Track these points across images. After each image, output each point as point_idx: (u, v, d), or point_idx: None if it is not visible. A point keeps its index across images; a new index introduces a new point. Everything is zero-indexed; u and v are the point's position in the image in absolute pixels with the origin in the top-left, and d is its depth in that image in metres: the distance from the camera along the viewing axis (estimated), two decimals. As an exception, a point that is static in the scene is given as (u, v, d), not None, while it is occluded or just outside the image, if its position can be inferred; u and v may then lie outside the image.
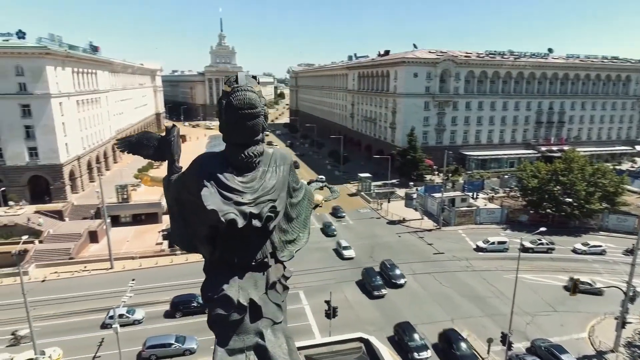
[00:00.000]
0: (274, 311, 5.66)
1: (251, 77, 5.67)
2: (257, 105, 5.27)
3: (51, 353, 37.01)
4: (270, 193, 5.31)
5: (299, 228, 6.26)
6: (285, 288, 6.22)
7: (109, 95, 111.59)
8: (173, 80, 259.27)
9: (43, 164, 77.66)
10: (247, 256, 5.62)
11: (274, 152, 5.78)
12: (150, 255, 59.87)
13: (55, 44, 79.92)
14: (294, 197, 6.11)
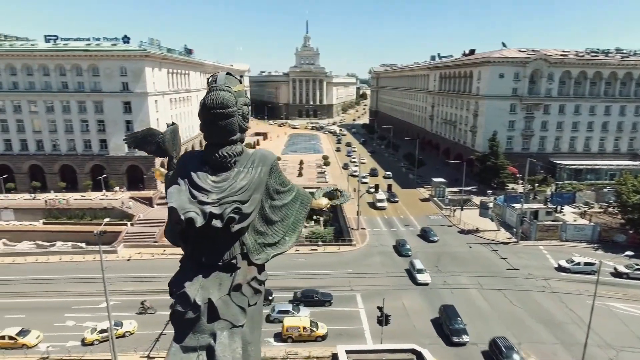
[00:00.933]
0: (235, 314, 5.46)
1: (232, 76, 5.66)
2: (230, 105, 5.24)
3: (127, 325, 41.22)
4: (238, 194, 5.23)
5: (283, 231, 6.04)
6: (257, 292, 5.94)
7: (200, 95, 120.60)
8: (260, 81, 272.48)
9: (139, 155, 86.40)
10: (215, 256, 5.57)
11: (254, 153, 5.74)
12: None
13: (155, 47, 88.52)
14: (278, 200, 5.91)
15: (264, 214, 5.82)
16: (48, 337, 40.57)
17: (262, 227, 5.86)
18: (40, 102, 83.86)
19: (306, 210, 6.51)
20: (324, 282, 50.56)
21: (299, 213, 6.30)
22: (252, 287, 5.83)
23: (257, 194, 5.50)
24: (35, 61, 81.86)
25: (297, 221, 6.29)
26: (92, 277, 49.72)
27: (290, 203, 6.14)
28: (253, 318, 5.89)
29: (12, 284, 51.78)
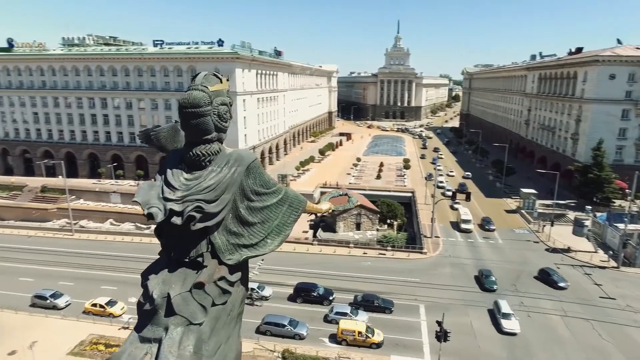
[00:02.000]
0: (193, 311, 5.45)
1: (215, 75, 5.78)
2: (201, 105, 5.34)
3: None
4: (202, 193, 5.30)
5: (263, 233, 5.96)
6: (226, 292, 5.91)
7: (286, 94, 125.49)
8: (348, 82, 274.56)
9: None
10: (182, 252, 5.73)
11: (232, 153, 5.75)
12: (292, 240, 65.14)
13: (245, 50, 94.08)
14: (258, 201, 5.82)
15: (239, 214, 5.76)
16: (131, 309, 45.44)
17: (236, 228, 5.80)
18: (147, 100, 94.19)
19: (296, 213, 6.38)
20: (387, 289, 49.34)
21: (286, 216, 6.18)
22: (220, 286, 5.78)
23: (227, 195, 5.48)
24: (144, 63, 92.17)
25: (283, 224, 6.19)
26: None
27: (275, 205, 6.02)
28: (219, 318, 5.84)
29: (111, 259, 59.01)
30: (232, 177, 5.52)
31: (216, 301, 5.72)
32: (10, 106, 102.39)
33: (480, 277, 51.19)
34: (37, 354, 37.02)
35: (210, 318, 5.62)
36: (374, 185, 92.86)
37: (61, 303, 46.02)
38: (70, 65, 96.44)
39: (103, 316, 43.92)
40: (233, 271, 5.94)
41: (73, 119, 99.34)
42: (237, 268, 5.95)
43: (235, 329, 6.39)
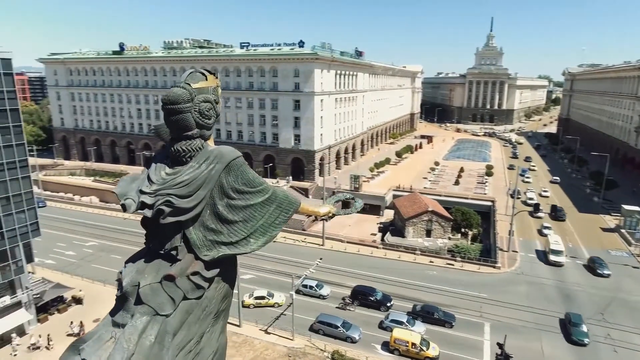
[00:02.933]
0: (161, 302, 5.59)
1: (201, 73, 5.94)
2: (180, 102, 5.53)
3: (277, 297, 47.27)
4: (175, 187, 5.49)
5: (246, 232, 5.94)
6: (200, 287, 5.99)
7: (366, 95, 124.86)
8: (434, 83, 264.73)
9: (302, 149, 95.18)
10: (159, 244, 6.01)
11: (213, 150, 5.86)
12: (357, 242, 64.82)
13: (326, 51, 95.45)
14: (240, 200, 5.82)
15: (217, 211, 5.79)
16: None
17: (214, 225, 5.83)
18: (232, 99, 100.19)
19: (285, 215, 6.27)
20: (451, 301, 46.74)
21: (273, 217, 6.05)
22: (193, 281, 5.86)
23: (202, 191, 5.56)
24: (231, 64, 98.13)
25: (269, 224, 6.07)
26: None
27: (260, 205, 5.93)
28: (192, 312, 5.93)
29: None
30: (209, 173, 5.53)
31: (188, 295, 5.77)
32: (119, 103, 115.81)
33: (567, 324, 41.59)
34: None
35: (181, 311, 5.67)
36: (450, 191, 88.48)
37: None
38: (168, 66, 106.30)
39: None
40: (210, 267, 5.94)
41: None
42: (215, 265, 5.95)
43: (215, 326, 6.41)
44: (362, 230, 73.67)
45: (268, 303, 46.44)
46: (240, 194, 5.84)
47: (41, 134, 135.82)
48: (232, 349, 39.32)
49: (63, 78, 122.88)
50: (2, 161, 37.23)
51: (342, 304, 45.61)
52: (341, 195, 7.92)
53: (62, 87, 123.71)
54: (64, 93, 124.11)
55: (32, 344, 39.32)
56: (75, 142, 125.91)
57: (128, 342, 5.40)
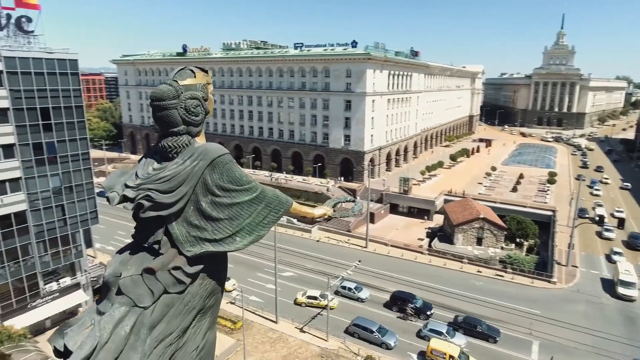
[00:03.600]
0: (141, 294, 5.75)
1: (190, 70, 6.02)
2: (165, 98, 5.66)
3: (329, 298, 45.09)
4: (156, 182, 5.62)
5: (231, 230, 5.99)
6: (181, 282, 6.07)
7: (420, 96, 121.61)
8: (496, 84, 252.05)
9: (352, 149, 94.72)
10: (143, 237, 6.25)
11: (199, 147, 5.94)
12: (401, 246, 63.26)
13: (379, 51, 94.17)
14: (225, 197, 5.89)
15: (200, 208, 5.86)
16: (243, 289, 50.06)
17: (197, 221, 5.91)
18: (285, 99, 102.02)
19: (275, 214, 6.26)
20: (497, 315, 44.11)
21: (261, 216, 6.06)
22: (174, 276, 5.93)
23: (185, 187, 5.64)
24: (285, 65, 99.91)
25: (257, 224, 6.08)
26: (288, 248, 58.19)
27: (247, 203, 5.95)
28: (172, 306, 6.01)
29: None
30: (193, 170, 5.56)
31: (169, 289, 5.82)
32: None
33: None
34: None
35: (161, 305, 5.73)
36: (506, 198, 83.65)
37: None
38: (226, 67, 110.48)
39: None
40: (193, 263, 5.97)
41: (225, 113, 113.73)
42: (199, 261, 5.97)
43: (202, 321, 6.40)
44: (409, 235, 71.84)
45: (319, 304, 45.57)
46: (225, 191, 5.83)
47: (112, 129, 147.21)
48: (266, 344, 40.02)
49: (132, 78, 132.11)
50: (67, 153, 40.72)
51: (404, 314, 43.81)
52: (342, 197, 7.61)
53: (131, 87, 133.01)
54: (132, 92, 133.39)
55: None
56: (141, 138, 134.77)
57: (101, 331, 5.48)
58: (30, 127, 37.98)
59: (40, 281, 41.35)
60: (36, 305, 41.06)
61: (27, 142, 38.06)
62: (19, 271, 39.34)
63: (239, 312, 45.12)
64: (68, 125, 40.37)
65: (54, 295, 42.36)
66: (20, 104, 37.04)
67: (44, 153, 39.00)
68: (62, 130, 39.99)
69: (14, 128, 37.11)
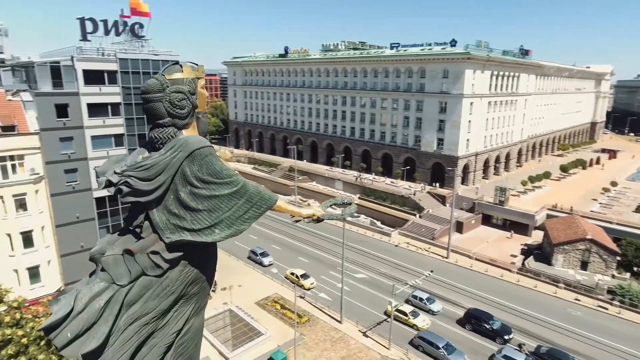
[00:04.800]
0: (120, 273, 6.11)
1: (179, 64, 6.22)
2: (150, 91, 6.02)
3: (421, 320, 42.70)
4: (136, 170, 5.94)
5: (210, 221, 6.14)
6: (158, 266, 6.28)
7: (529, 99, 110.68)
8: (630, 86, 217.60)
9: (444, 153, 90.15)
10: (129, 220, 6.75)
11: (181, 139, 6.17)
12: (487, 260, 58.39)
13: (481, 50, 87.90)
14: (204, 189, 6.02)
15: (179, 198, 6.07)
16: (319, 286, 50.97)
17: (177, 210, 6.12)
18: (378, 99, 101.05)
19: (256, 210, 6.30)
20: (591, 352, 38.25)
21: (240, 210, 6.15)
22: (152, 260, 6.19)
23: (163, 176, 5.88)
24: (380, 65, 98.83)
25: (236, 218, 6.19)
26: (364, 250, 57.71)
27: (227, 197, 6.07)
28: (149, 288, 6.26)
29: (314, 235, 67.18)
30: (171, 160, 5.73)
31: (147, 272, 6.10)
32: (280, 100, 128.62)
33: None
34: (236, 293, 46.53)
35: (139, 285, 6.03)
36: (626, 219, 71.90)
37: (265, 261, 55.84)
38: (323, 67, 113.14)
39: (295, 284, 50.33)
40: (172, 250, 6.17)
41: (320, 113, 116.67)
42: (178, 249, 6.15)
43: (184, 307, 6.59)
44: (500, 250, 66.01)
45: (408, 321, 42.78)
46: (205, 183, 5.95)
47: (221, 125, 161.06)
48: (327, 342, 40.15)
49: (240, 78, 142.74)
50: (165, 145, 45.51)
51: (519, 346, 39.36)
52: (338, 199, 7.27)
53: (238, 86, 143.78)
54: (239, 91, 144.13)
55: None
56: (244, 134, 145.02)
57: (78, 301, 5.96)
58: (137, 119, 43.51)
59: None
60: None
61: (134, 133, 43.70)
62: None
63: (306, 307, 46.08)
64: (166, 119, 45.09)
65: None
66: (129, 100, 42.66)
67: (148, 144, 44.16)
68: (163, 123, 44.84)
69: (124, 120, 42.91)
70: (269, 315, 44.45)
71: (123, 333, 5.74)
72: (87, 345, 5.36)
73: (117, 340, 5.69)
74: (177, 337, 6.61)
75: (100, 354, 5.51)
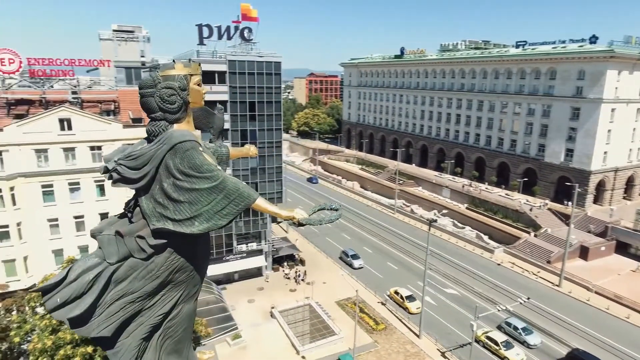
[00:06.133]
0: (110, 252, 6.56)
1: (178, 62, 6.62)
2: (144, 87, 6.52)
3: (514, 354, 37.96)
4: (125, 159, 6.42)
5: (190, 213, 6.30)
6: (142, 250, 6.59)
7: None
8: None
9: (573, 166, 78.64)
10: (125, 205, 7.22)
11: (167, 132, 6.53)
12: (609, 296, 49.14)
13: (630, 47, 74.10)
14: (185, 182, 6.20)
15: (163, 188, 6.36)
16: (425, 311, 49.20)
17: (161, 200, 6.39)
18: (497, 103, 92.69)
19: (234, 207, 6.33)
20: None
21: (219, 205, 6.24)
22: (138, 243, 6.56)
23: (148, 167, 6.26)
24: (502, 66, 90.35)
25: (215, 212, 6.28)
26: (460, 264, 53.91)
27: (207, 191, 6.21)
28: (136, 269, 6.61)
29: (410, 243, 64.78)
30: (156, 152, 6.12)
31: (134, 254, 6.49)
32: (393, 102, 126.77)
33: None
34: (319, 290, 47.44)
35: (127, 266, 6.46)
36: None
37: (355, 264, 55.51)
38: (439, 68, 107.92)
39: (400, 305, 46.81)
40: (157, 237, 6.50)
41: (432, 116, 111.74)
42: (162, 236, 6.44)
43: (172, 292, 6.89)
44: (634, 286, 55.05)
45: (498, 352, 38.07)
46: (186, 176, 6.17)
47: (335, 125, 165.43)
48: (400, 355, 38.44)
49: (355, 79, 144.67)
50: (264, 140, 48.75)
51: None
52: (327, 204, 6.95)
53: (353, 87, 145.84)
54: (353, 92, 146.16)
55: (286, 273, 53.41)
56: (355, 134, 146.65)
57: (70, 272, 6.81)
58: (240, 116, 47.30)
59: (234, 241, 51.30)
60: (229, 259, 51.18)
61: (237, 128, 47.58)
62: (220, 229, 49.83)
63: (385, 315, 44.75)
64: (267, 117, 48.21)
65: (242, 255, 51.80)
66: (235, 98, 46.59)
67: (247, 138, 47.89)
68: (263, 120, 48.07)
69: (229, 117, 47.01)
70: (346, 317, 44.30)
71: (109, 307, 6.16)
72: (73, 312, 5.86)
73: (103, 312, 6.12)
74: (165, 319, 6.94)
75: (86, 322, 6.03)
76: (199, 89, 6.37)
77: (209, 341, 38.39)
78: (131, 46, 61.47)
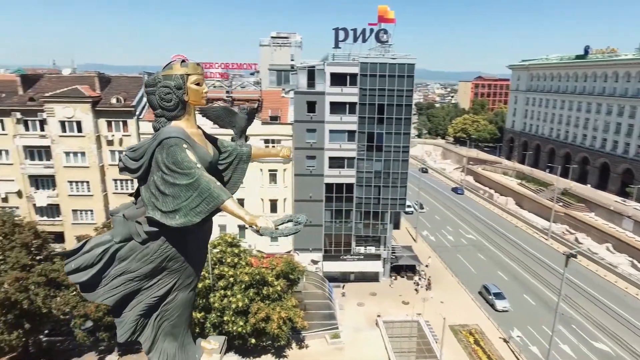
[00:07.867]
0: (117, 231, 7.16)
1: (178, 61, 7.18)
2: (147, 86, 7.19)
3: None
4: (130, 150, 7.28)
5: (173, 206, 6.58)
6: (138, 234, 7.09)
7: None
8: None
9: None
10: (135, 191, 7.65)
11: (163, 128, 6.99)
12: None
13: None
14: (169, 176, 6.53)
15: (154, 180, 6.82)
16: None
17: (153, 190, 6.82)
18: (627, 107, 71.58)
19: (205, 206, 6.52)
20: None
21: (193, 202, 6.51)
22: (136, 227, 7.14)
23: (143, 159, 6.93)
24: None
25: (190, 209, 6.53)
26: (616, 309, 43.57)
27: (185, 187, 6.51)
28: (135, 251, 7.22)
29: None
30: (149, 146, 6.72)
31: (133, 237, 7.19)
32: (569, 110, 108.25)
33: None
34: (434, 308, 44.24)
35: (128, 247, 7.19)
36: None
37: (499, 305, 46.47)
38: (635, 70, 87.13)
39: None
40: (151, 224, 6.97)
41: (620, 128, 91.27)
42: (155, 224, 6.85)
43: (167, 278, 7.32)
44: None
45: None
46: (170, 171, 6.64)
47: (496, 133, 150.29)
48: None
49: (523, 83, 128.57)
50: (391, 144, 47.25)
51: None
52: (293, 215, 6.38)
53: (520, 92, 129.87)
54: (520, 97, 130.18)
55: (416, 282, 52.12)
56: (518, 144, 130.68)
57: (87, 243, 7.54)
58: (368, 119, 46.91)
59: (353, 242, 51.36)
60: (346, 259, 51.55)
61: (364, 130, 47.34)
62: (341, 228, 50.71)
63: (505, 353, 38.83)
64: (396, 120, 46.58)
65: (359, 257, 51.48)
66: (364, 100, 46.35)
67: (374, 141, 47.27)
68: (391, 124, 46.65)
69: (357, 119, 47.10)
70: (457, 345, 39.89)
71: (113, 280, 7.00)
72: (82, 278, 6.72)
73: (108, 284, 6.97)
74: (161, 302, 7.68)
75: (94, 289, 6.97)
76: (198, 88, 6.61)
77: (309, 333, 39.60)
78: (285, 51, 67.68)
